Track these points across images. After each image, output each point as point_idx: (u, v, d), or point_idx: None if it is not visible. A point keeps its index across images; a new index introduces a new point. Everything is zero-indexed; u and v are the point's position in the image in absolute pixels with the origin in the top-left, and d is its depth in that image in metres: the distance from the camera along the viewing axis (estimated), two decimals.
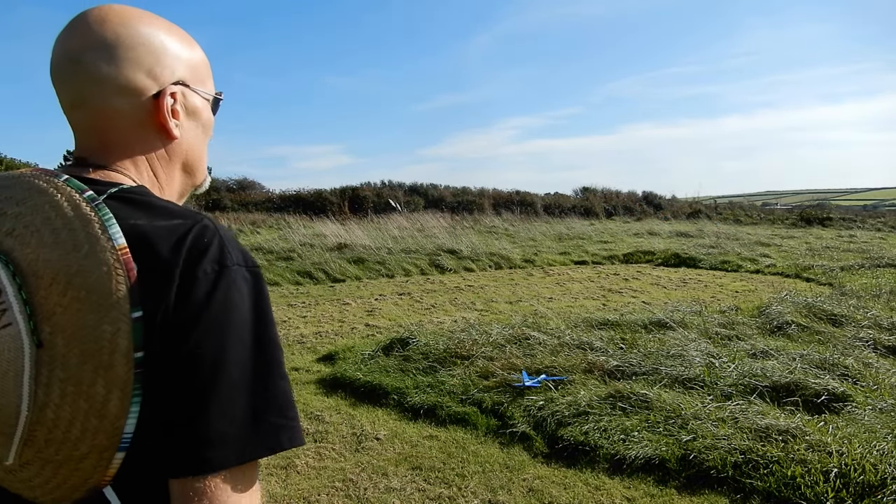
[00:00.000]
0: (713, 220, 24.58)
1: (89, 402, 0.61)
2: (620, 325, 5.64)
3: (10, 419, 0.62)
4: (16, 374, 0.61)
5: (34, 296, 0.62)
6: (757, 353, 4.69)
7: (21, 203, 0.66)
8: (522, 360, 4.53)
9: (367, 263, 11.31)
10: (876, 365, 4.39)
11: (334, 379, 4.68)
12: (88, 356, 0.61)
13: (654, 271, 11.47)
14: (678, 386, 4.00)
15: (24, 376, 0.61)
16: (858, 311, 6.10)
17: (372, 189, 31.05)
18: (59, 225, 0.63)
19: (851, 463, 2.86)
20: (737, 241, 14.86)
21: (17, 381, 0.61)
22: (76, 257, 0.62)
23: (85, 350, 0.61)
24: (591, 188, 32.79)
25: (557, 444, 3.44)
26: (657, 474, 3.10)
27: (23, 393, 0.61)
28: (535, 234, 17.25)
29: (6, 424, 0.62)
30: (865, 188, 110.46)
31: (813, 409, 3.63)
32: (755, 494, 2.86)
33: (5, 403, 0.62)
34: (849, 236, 17.51)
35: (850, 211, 30.44)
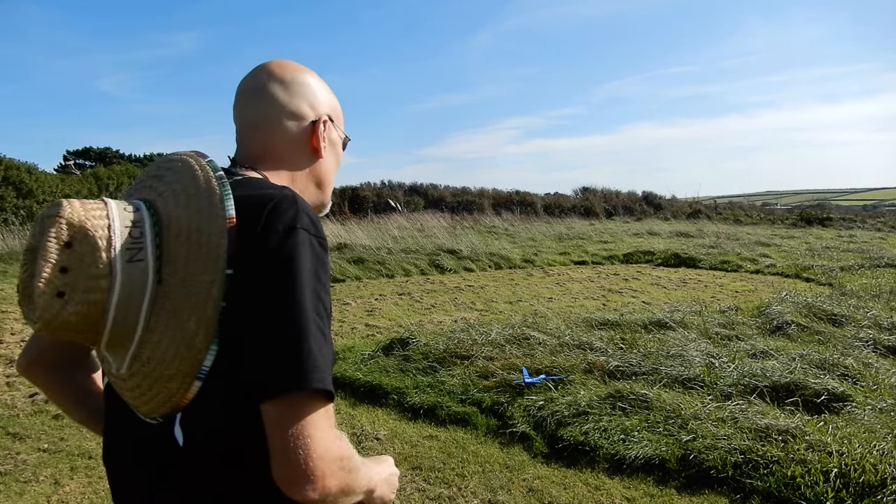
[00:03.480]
0: (713, 220, 24.57)
1: (182, 333, 0.76)
2: (620, 325, 5.64)
3: (129, 335, 0.78)
4: (138, 301, 0.77)
5: (164, 243, 0.78)
6: (757, 353, 4.69)
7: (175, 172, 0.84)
8: (522, 360, 4.53)
9: (367, 263, 11.30)
10: (876, 365, 4.39)
11: (334, 379, 4.66)
12: (189, 297, 0.76)
13: (654, 271, 11.47)
14: (678, 386, 4.00)
15: (144, 303, 0.77)
16: (858, 311, 6.10)
17: (372, 189, 31.04)
18: (192, 192, 0.81)
19: (851, 463, 2.86)
20: (737, 241, 14.85)
21: (139, 306, 0.77)
22: (198, 218, 0.78)
23: (188, 292, 0.76)
24: (591, 188, 32.79)
25: (557, 444, 3.44)
26: (657, 474, 3.10)
27: (140, 316, 0.77)
28: (535, 234, 17.25)
29: (126, 339, 0.78)
30: (865, 188, 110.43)
31: (813, 409, 3.63)
32: (755, 494, 2.86)
33: (129, 322, 0.77)
34: (849, 236, 17.51)
35: (850, 211, 30.43)
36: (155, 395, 0.79)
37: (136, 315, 0.77)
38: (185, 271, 0.77)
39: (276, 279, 0.75)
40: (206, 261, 0.77)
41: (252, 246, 0.77)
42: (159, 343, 0.77)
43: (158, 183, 0.85)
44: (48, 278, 0.73)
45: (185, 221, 0.79)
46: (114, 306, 0.76)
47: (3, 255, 12.34)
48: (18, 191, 14.74)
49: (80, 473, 3.19)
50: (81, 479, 3.12)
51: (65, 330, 0.76)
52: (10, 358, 5.35)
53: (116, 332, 0.78)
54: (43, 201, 15.35)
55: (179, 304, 0.76)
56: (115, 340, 0.79)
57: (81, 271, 0.74)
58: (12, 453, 3.41)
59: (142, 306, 0.77)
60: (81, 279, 0.74)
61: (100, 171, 19.50)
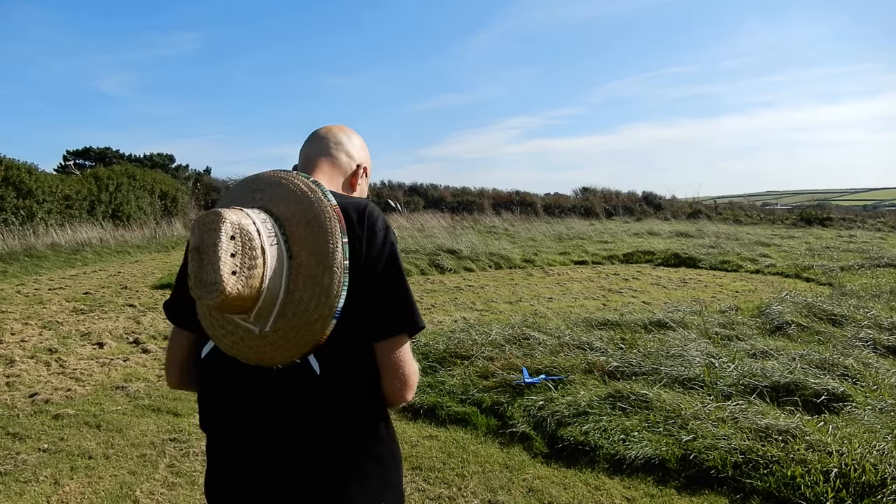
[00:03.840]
0: (713, 220, 24.56)
1: (320, 288, 1.06)
2: (620, 325, 5.64)
3: (274, 301, 1.06)
4: (280, 272, 1.06)
5: (287, 230, 1.09)
6: (757, 353, 4.69)
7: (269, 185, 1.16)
8: (522, 360, 4.53)
9: None
10: (876, 365, 4.39)
11: None
12: (320, 262, 1.07)
13: (654, 271, 11.47)
14: (678, 386, 4.00)
15: (283, 274, 1.07)
16: (858, 311, 6.09)
17: (372, 189, 31.00)
18: (299, 193, 1.12)
19: (851, 463, 2.86)
20: (737, 241, 14.85)
21: (280, 276, 1.06)
22: (312, 209, 1.10)
23: (318, 258, 1.07)
24: (591, 188, 32.78)
25: (557, 444, 3.44)
26: (657, 474, 3.10)
27: (282, 284, 1.06)
28: (535, 234, 17.25)
29: (272, 304, 1.06)
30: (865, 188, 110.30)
31: (813, 409, 3.63)
32: (755, 494, 2.86)
33: (275, 290, 1.05)
34: (849, 236, 17.51)
35: (850, 211, 30.41)
36: (299, 340, 1.07)
37: (278, 283, 1.06)
38: (313, 245, 1.08)
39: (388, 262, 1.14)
40: (326, 235, 1.08)
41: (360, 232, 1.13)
42: (300, 300, 1.06)
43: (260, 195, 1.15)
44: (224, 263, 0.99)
45: (300, 214, 1.10)
46: (268, 278, 1.04)
47: (3, 254, 12.34)
48: (18, 191, 14.72)
49: (80, 473, 3.19)
50: (81, 479, 3.12)
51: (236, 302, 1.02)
52: (10, 358, 5.35)
53: (267, 300, 1.06)
54: (43, 201, 15.34)
55: (313, 269, 1.07)
56: (264, 307, 1.06)
57: (245, 254, 1.02)
58: (12, 453, 3.41)
59: (282, 276, 1.07)
60: (246, 259, 1.01)
61: (100, 171, 19.48)
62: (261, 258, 1.03)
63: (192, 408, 4.17)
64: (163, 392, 4.50)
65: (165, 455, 3.40)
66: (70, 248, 14.00)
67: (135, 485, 3.05)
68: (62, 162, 31.01)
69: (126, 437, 3.66)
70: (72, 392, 4.46)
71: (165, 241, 17.38)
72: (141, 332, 6.45)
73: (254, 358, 1.10)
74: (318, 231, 1.08)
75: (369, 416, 1.17)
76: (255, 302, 1.05)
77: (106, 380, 4.80)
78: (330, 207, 1.10)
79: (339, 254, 1.07)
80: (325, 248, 1.07)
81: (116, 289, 9.46)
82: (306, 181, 1.15)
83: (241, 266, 1.01)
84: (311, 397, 1.11)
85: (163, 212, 21.91)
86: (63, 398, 4.34)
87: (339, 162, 1.34)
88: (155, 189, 21.70)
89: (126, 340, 6.10)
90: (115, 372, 5.03)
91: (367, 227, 1.14)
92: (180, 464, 3.29)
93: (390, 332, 1.13)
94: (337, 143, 1.35)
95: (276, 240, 1.08)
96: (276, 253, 1.06)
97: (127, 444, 3.55)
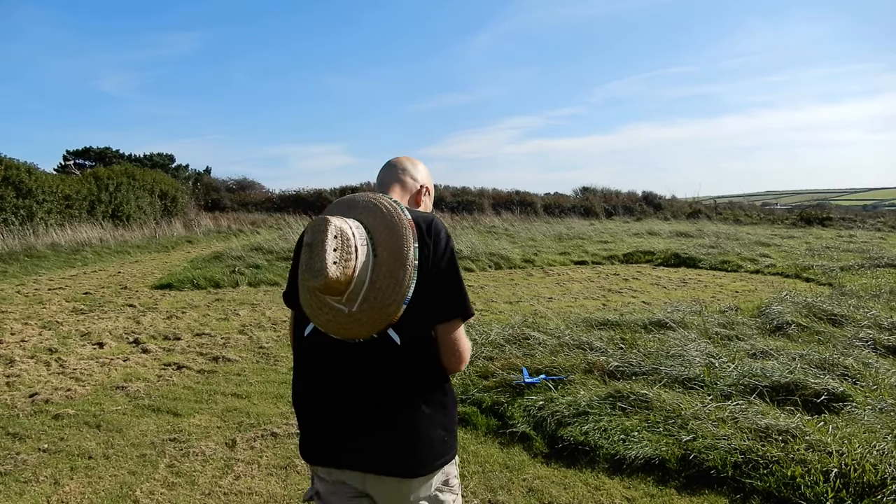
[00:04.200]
0: (713, 220, 24.56)
1: (395, 279, 1.39)
2: (620, 325, 5.64)
3: (360, 288, 1.39)
4: (365, 267, 1.40)
5: (374, 236, 1.44)
6: (757, 353, 4.68)
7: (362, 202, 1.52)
8: (522, 360, 4.53)
9: None
10: (876, 365, 4.39)
11: None
12: (396, 260, 1.40)
13: (654, 271, 11.47)
14: (678, 386, 4.00)
15: (369, 268, 1.40)
16: (858, 311, 6.09)
17: (372, 189, 30.96)
18: (383, 209, 1.47)
19: (851, 463, 2.86)
20: (737, 241, 14.85)
21: (366, 270, 1.40)
22: (392, 221, 1.44)
23: (395, 257, 1.40)
24: (591, 188, 32.76)
25: (557, 444, 3.44)
26: (657, 474, 3.10)
27: (367, 275, 1.40)
28: (535, 234, 17.24)
29: (358, 290, 1.39)
30: (865, 188, 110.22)
31: (813, 409, 3.63)
32: (755, 494, 2.86)
33: (362, 279, 1.39)
34: (849, 236, 17.50)
35: (850, 211, 30.41)
36: (377, 318, 1.40)
37: (365, 274, 1.40)
38: (391, 248, 1.42)
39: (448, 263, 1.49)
40: (402, 241, 1.42)
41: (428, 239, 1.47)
42: (380, 288, 1.40)
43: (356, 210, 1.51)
44: (329, 254, 1.34)
45: (383, 224, 1.45)
46: (358, 270, 1.39)
47: (3, 254, 12.33)
48: (18, 191, 14.72)
49: (80, 473, 3.19)
50: (81, 479, 3.12)
51: (334, 285, 1.36)
52: (10, 358, 5.35)
53: (356, 286, 1.40)
54: (43, 201, 15.34)
55: (391, 265, 1.41)
56: (353, 292, 1.40)
57: (343, 249, 1.36)
58: (12, 453, 3.41)
59: (368, 269, 1.41)
60: (343, 254, 1.36)
61: (99, 171, 19.48)
62: (354, 254, 1.38)
63: (192, 408, 4.17)
64: (163, 392, 4.50)
65: (165, 455, 3.40)
66: (70, 248, 14.00)
67: (135, 485, 3.05)
68: (62, 162, 31.01)
69: (126, 437, 3.66)
70: (72, 392, 4.46)
71: (165, 241, 17.37)
72: (141, 332, 6.45)
73: (342, 333, 1.44)
74: (395, 237, 1.43)
75: (437, 375, 1.53)
76: (347, 287, 1.39)
77: (106, 380, 4.80)
78: (406, 220, 1.45)
79: (411, 255, 1.42)
80: (400, 250, 1.42)
81: (116, 289, 9.46)
82: (389, 200, 1.51)
83: (339, 258, 1.36)
84: (393, 361, 1.46)
85: (163, 212, 21.92)
86: (63, 398, 4.34)
87: (407, 184, 1.71)
88: (155, 189, 21.71)
89: (126, 340, 6.10)
90: (115, 372, 5.03)
91: (434, 235, 1.49)
92: (180, 464, 3.29)
93: (448, 316, 1.49)
94: (404, 170, 1.72)
95: (365, 242, 1.42)
96: (365, 251, 1.41)
97: (127, 444, 3.55)
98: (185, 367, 5.14)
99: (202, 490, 3.02)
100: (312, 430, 1.56)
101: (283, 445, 3.54)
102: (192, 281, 9.80)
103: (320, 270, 1.33)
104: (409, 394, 1.49)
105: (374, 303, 1.39)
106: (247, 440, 3.60)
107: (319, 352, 1.52)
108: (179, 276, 10.26)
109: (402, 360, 1.47)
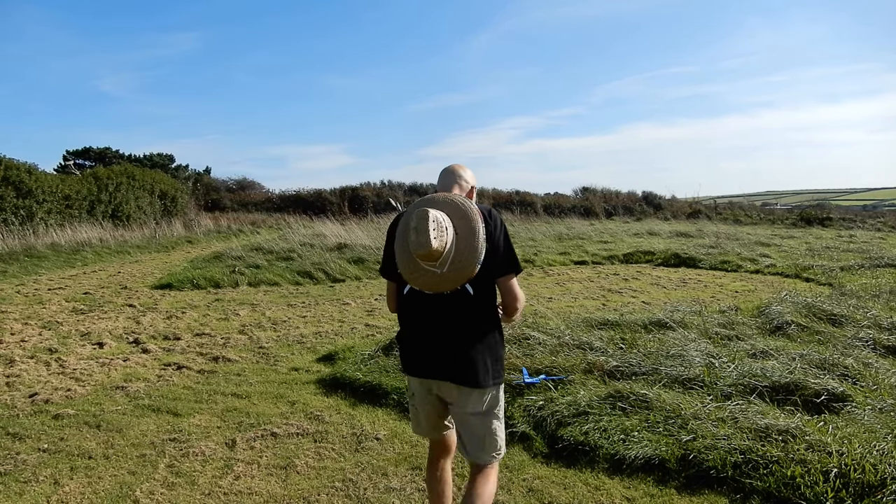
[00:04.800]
0: (713, 220, 24.56)
1: (472, 249, 2.08)
2: (620, 325, 5.64)
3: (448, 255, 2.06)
4: (451, 241, 2.07)
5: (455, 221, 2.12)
6: (757, 353, 4.68)
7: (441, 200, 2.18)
8: (522, 361, 4.52)
9: (367, 263, 11.29)
10: (876, 365, 4.39)
11: (334, 379, 4.67)
12: (471, 235, 2.09)
13: (654, 271, 11.47)
14: (678, 386, 3.99)
15: (454, 242, 2.07)
16: (858, 311, 6.09)
17: (372, 189, 31.01)
18: (457, 203, 2.16)
19: (851, 463, 2.86)
20: (737, 241, 14.84)
21: (452, 243, 2.06)
22: (465, 211, 2.13)
23: (470, 234, 2.09)
24: (591, 188, 32.77)
25: (557, 444, 3.44)
26: (657, 474, 3.10)
27: (453, 247, 2.07)
28: (535, 234, 17.24)
29: (447, 257, 2.05)
30: (865, 188, 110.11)
31: (813, 409, 3.63)
32: (755, 494, 2.86)
33: (449, 250, 2.06)
34: (849, 236, 17.50)
35: (850, 211, 30.41)
36: (459, 277, 2.07)
37: (451, 246, 2.05)
38: (467, 228, 2.08)
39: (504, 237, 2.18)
40: (474, 223, 2.09)
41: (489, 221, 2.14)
42: (461, 255, 2.05)
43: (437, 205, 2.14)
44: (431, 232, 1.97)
45: (459, 213, 2.11)
46: (448, 243, 2.04)
47: (3, 254, 12.33)
48: (18, 191, 14.72)
49: (80, 473, 3.19)
50: (81, 479, 3.12)
51: (434, 253, 2.00)
52: (10, 358, 5.35)
53: (446, 254, 2.04)
54: (43, 201, 15.34)
55: (468, 240, 2.06)
56: (444, 258, 2.04)
57: (439, 229, 2.00)
58: (12, 453, 3.41)
59: (453, 243, 2.05)
60: (439, 232, 2.00)
61: (99, 171, 19.47)
62: (446, 232, 2.05)
63: (192, 408, 4.17)
64: (163, 392, 4.50)
65: (165, 455, 3.40)
66: (70, 248, 14.00)
67: (135, 485, 3.05)
68: (62, 162, 31.01)
69: (126, 437, 3.66)
70: (72, 392, 4.46)
71: (165, 241, 17.37)
72: (141, 332, 6.46)
73: (434, 288, 2.12)
74: (469, 221, 2.11)
75: (494, 320, 2.23)
76: (440, 254, 2.05)
77: (106, 380, 4.80)
78: (474, 209, 2.14)
79: (480, 232, 2.10)
80: (473, 230, 2.10)
81: (116, 289, 9.46)
82: (459, 197, 2.21)
83: (437, 235, 2.01)
84: (467, 307, 2.16)
85: (163, 212, 21.92)
86: (63, 398, 4.34)
87: (462, 186, 2.36)
88: (155, 189, 21.71)
89: (126, 340, 6.11)
90: (114, 372, 5.03)
91: (493, 219, 2.19)
92: (180, 464, 3.29)
93: (506, 272, 2.17)
94: (459, 176, 2.37)
95: (450, 224, 2.09)
96: (451, 231, 2.09)
97: (127, 444, 3.55)
98: (185, 367, 5.14)
99: (202, 490, 3.02)
100: (410, 355, 2.30)
101: (283, 445, 3.54)
102: (192, 281, 9.80)
103: (426, 244, 1.98)
104: (473, 331, 2.18)
105: (458, 265, 2.07)
106: (247, 440, 3.60)
107: (415, 303, 2.23)
108: (179, 276, 10.26)
109: (473, 306, 2.16)
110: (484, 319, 2.18)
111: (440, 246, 2.00)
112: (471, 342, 2.15)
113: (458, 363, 2.15)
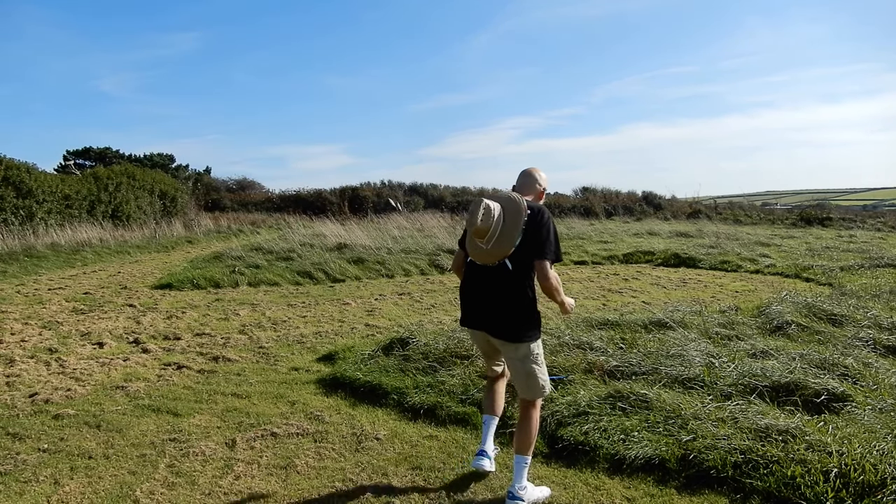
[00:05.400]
0: (713, 220, 24.55)
1: (512, 233, 2.79)
2: (620, 325, 5.64)
3: (494, 234, 2.79)
4: (498, 224, 2.80)
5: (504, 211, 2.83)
6: (757, 353, 4.68)
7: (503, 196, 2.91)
8: None
9: (367, 263, 11.29)
10: (876, 365, 4.39)
11: (334, 379, 4.67)
12: (514, 223, 2.80)
13: (654, 271, 11.47)
14: (678, 386, 3.99)
15: (500, 225, 2.81)
16: (858, 311, 6.09)
17: (372, 189, 31.02)
18: (513, 199, 2.87)
19: (851, 463, 2.86)
20: (737, 241, 14.84)
21: (498, 226, 2.80)
22: (515, 205, 2.84)
23: (513, 223, 2.80)
24: (591, 188, 32.78)
25: (557, 444, 3.44)
26: (657, 474, 3.10)
27: (498, 229, 2.80)
28: None
29: (493, 235, 2.79)
30: (865, 188, 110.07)
31: (813, 409, 3.63)
32: (755, 494, 2.86)
33: (495, 231, 2.79)
34: (849, 236, 17.50)
35: (850, 211, 30.41)
36: (500, 252, 2.78)
37: (497, 229, 2.78)
38: (512, 218, 2.79)
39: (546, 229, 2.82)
40: (519, 216, 2.79)
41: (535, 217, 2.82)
42: (502, 235, 2.78)
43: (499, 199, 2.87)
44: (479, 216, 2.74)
45: (509, 206, 2.83)
46: (492, 225, 2.77)
47: (3, 254, 12.33)
48: (18, 191, 14.72)
49: (80, 473, 3.19)
50: (81, 479, 3.12)
51: (482, 230, 2.76)
52: (10, 358, 5.35)
53: (491, 234, 2.77)
54: (43, 201, 15.34)
55: (510, 227, 2.78)
56: (490, 236, 2.77)
57: (488, 214, 2.76)
58: (12, 453, 3.41)
59: (500, 226, 2.79)
60: (486, 216, 2.76)
61: (99, 171, 19.48)
62: (493, 217, 2.74)
63: (192, 408, 4.17)
64: (163, 392, 4.50)
65: (165, 455, 3.40)
66: (70, 248, 14.00)
67: (135, 485, 3.05)
68: (62, 162, 31.01)
69: (126, 437, 3.66)
70: (72, 392, 4.46)
71: (165, 241, 17.37)
72: (141, 331, 6.46)
73: (483, 260, 2.82)
74: (515, 214, 2.77)
75: (531, 290, 2.82)
76: (486, 233, 2.75)
77: (106, 380, 4.80)
78: (523, 205, 2.79)
79: (520, 223, 2.75)
80: (517, 220, 2.76)
81: (116, 289, 9.46)
82: (516, 195, 2.85)
83: (483, 218, 2.72)
84: (507, 278, 2.79)
85: (163, 212, 21.92)
86: (63, 398, 4.34)
87: (536, 187, 3.03)
88: (155, 189, 21.71)
89: (126, 340, 6.11)
90: (115, 372, 5.03)
91: (538, 214, 2.81)
92: (180, 464, 3.29)
93: (540, 256, 2.76)
94: (535, 179, 3.04)
95: (500, 213, 2.77)
96: (499, 218, 2.77)
97: (127, 444, 3.55)
98: (185, 366, 5.14)
99: (202, 490, 3.02)
100: (466, 310, 3.00)
101: (283, 445, 3.54)
102: (192, 281, 9.80)
103: (474, 223, 2.72)
104: (509, 297, 2.79)
105: (499, 245, 2.75)
106: (247, 440, 3.60)
107: (471, 271, 2.96)
108: (179, 276, 10.26)
109: (511, 278, 2.78)
110: (519, 290, 2.78)
111: (483, 226, 2.72)
112: (506, 306, 2.79)
113: (496, 321, 2.83)
